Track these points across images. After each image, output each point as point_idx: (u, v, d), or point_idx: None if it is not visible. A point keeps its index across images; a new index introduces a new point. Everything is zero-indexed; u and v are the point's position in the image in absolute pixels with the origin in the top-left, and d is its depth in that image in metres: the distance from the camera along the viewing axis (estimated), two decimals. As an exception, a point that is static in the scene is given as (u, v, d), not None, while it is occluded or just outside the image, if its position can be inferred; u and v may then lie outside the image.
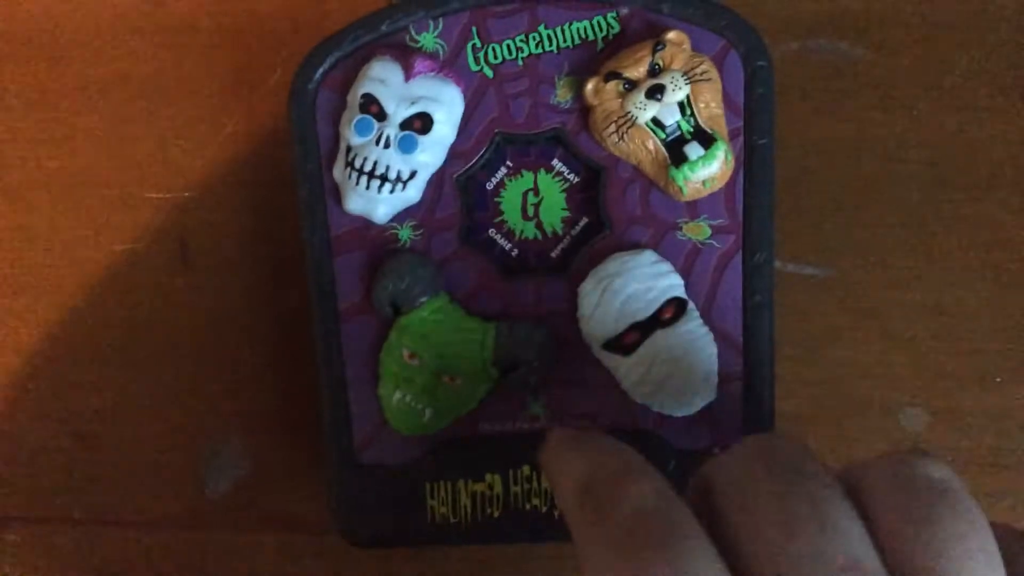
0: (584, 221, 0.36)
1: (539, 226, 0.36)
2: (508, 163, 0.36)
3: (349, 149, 0.35)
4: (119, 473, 0.40)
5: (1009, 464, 0.36)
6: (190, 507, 0.39)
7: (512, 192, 0.36)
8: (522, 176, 0.36)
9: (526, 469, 0.35)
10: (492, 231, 0.36)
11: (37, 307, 0.40)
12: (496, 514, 0.35)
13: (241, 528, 0.39)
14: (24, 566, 0.40)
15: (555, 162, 0.36)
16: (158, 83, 0.40)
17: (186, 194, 0.40)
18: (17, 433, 0.40)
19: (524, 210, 0.36)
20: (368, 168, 0.34)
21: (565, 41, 0.35)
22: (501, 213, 0.36)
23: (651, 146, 0.34)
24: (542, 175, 0.36)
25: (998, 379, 0.37)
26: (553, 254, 0.36)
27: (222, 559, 0.39)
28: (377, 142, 0.34)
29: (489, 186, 0.36)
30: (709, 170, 0.33)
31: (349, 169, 0.34)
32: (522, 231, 0.36)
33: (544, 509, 0.35)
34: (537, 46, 0.35)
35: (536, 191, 0.36)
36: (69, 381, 0.40)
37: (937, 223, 0.37)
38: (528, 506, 0.35)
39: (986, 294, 0.37)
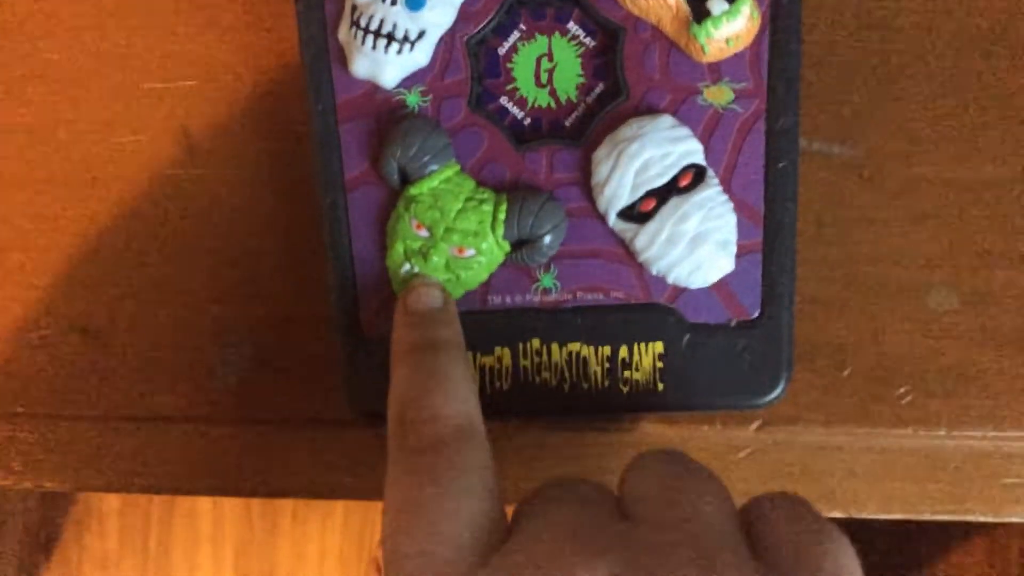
0: (600, 87, 0.34)
1: (553, 93, 0.34)
2: (521, 26, 0.34)
3: (355, 8, 0.33)
4: (128, 370, 0.39)
5: (1039, 346, 0.35)
6: (202, 402, 0.39)
7: (525, 57, 0.34)
8: (536, 40, 0.34)
9: (535, 343, 0.34)
10: (504, 98, 0.34)
11: (40, 202, 0.39)
12: (505, 387, 0.34)
13: (255, 422, 0.39)
14: (33, 462, 0.40)
15: (571, 25, 0.34)
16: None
17: (188, 83, 0.38)
18: (25, 329, 0.40)
19: (537, 76, 0.34)
20: (374, 27, 0.33)
21: None
22: (513, 79, 0.34)
23: (672, 1, 0.32)
24: (557, 39, 0.34)
25: (1029, 259, 0.35)
26: (567, 122, 0.34)
27: (235, 454, 0.39)
28: None
29: (501, 51, 0.34)
30: (733, 27, 0.32)
31: (355, 29, 0.33)
32: (535, 98, 0.34)
33: (554, 383, 0.34)
34: (552, -100, 0.33)
35: (550, 56, 0.34)
36: (76, 278, 0.39)
37: (973, 100, 0.35)
38: (538, 379, 0.34)
39: (1020, 170, 0.35)
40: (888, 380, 0.35)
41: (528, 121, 0.34)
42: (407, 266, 0.33)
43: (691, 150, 0.32)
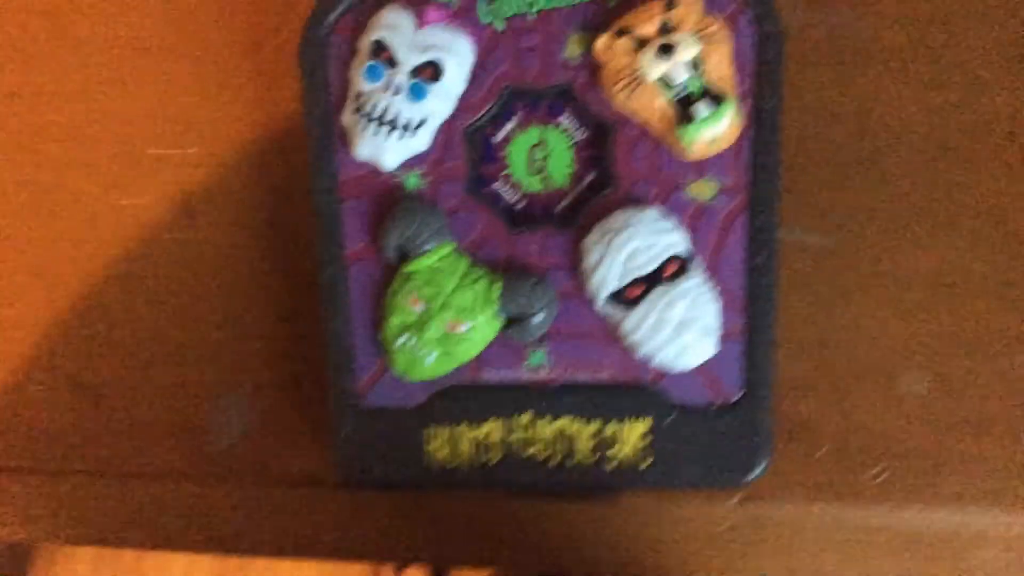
0: (590, 177, 0.36)
1: (545, 180, 0.36)
2: (517, 116, 0.36)
3: (359, 95, 0.35)
4: (122, 426, 0.40)
5: (1006, 430, 0.37)
6: (193, 461, 0.39)
7: (519, 146, 0.36)
8: (530, 130, 0.36)
9: (525, 417, 0.35)
10: (498, 183, 0.36)
11: (41, 259, 0.40)
12: (494, 460, 0.35)
13: (244, 482, 0.39)
14: (25, 516, 0.40)
15: (564, 117, 0.36)
16: (166, 41, 0.40)
17: (191, 150, 0.40)
18: (20, 385, 0.40)
19: (531, 164, 0.36)
20: (377, 114, 0.34)
21: (578, -4, 0.35)
22: (508, 166, 0.36)
23: (659, 104, 0.34)
24: (550, 130, 0.36)
25: (1001, 346, 0.37)
26: (558, 208, 0.36)
27: (224, 512, 0.39)
28: (387, 89, 0.34)
29: (497, 139, 0.36)
30: (716, 129, 0.34)
31: (358, 115, 0.35)
32: (528, 184, 0.36)
33: (542, 457, 0.35)
34: (550, 1, 0.35)
35: (543, 145, 0.36)
36: (74, 334, 0.40)
37: (942, 192, 0.37)
38: (527, 454, 0.35)
39: (991, 262, 0.37)
40: (863, 459, 0.37)
41: (521, 205, 0.36)
42: (402, 339, 0.35)
43: (676, 241, 0.34)
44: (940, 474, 0.37)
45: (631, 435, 0.35)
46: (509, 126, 0.36)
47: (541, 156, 0.36)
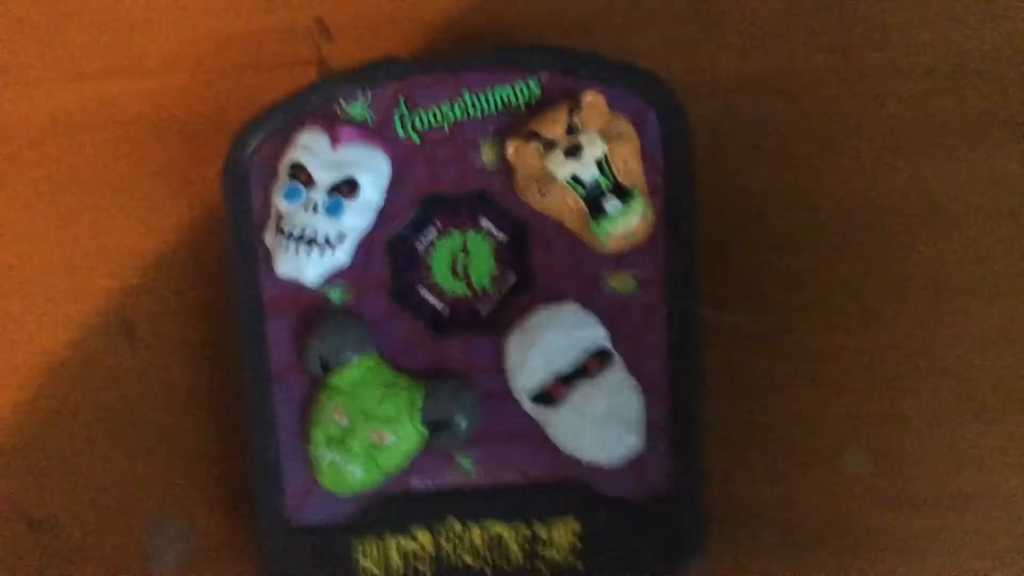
0: (512, 278, 0.36)
1: (469, 284, 0.37)
2: (437, 223, 0.37)
3: (279, 216, 0.36)
4: (64, 552, 0.40)
5: (948, 504, 0.36)
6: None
7: (442, 251, 0.37)
8: (451, 236, 0.37)
9: (456, 526, 0.34)
10: (423, 290, 0.37)
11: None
12: (428, 572, 0.34)
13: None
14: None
15: (483, 221, 0.37)
16: (106, 176, 0.41)
17: (133, 281, 0.41)
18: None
19: (454, 269, 0.37)
20: (297, 233, 0.35)
21: (489, 107, 0.36)
22: (431, 272, 0.37)
23: (572, 202, 0.35)
24: (471, 235, 0.37)
25: (935, 418, 0.36)
26: (483, 311, 0.36)
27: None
28: (306, 208, 0.35)
29: (419, 246, 0.37)
30: (628, 224, 0.34)
31: (279, 235, 0.35)
32: (452, 289, 0.37)
33: (476, 566, 0.34)
34: (462, 112, 0.36)
35: (465, 250, 0.37)
36: (22, 469, 0.40)
37: (869, 267, 0.38)
38: (459, 563, 0.34)
39: (921, 336, 0.37)
40: (805, 544, 0.36)
41: (447, 311, 0.37)
42: (328, 453, 0.35)
43: (596, 336, 0.34)
44: (887, 554, 0.36)
45: (563, 535, 0.34)
46: (430, 233, 0.37)
47: (463, 261, 0.37)
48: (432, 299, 0.37)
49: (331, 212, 0.35)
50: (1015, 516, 0.36)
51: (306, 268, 0.35)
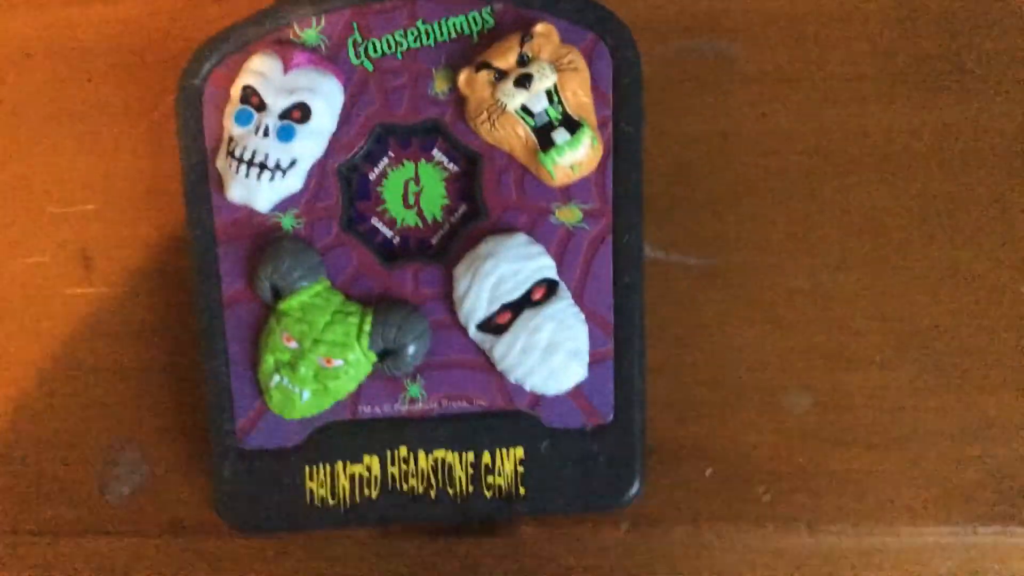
0: (463, 208, 0.37)
1: (420, 214, 0.37)
2: (390, 153, 0.37)
3: (231, 139, 0.36)
4: (20, 483, 0.40)
5: (887, 443, 0.37)
6: (92, 515, 0.39)
7: (394, 181, 0.37)
8: (403, 166, 0.37)
9: (403, 450, 0.35)
10: (374, 219, 0.37)
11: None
12: (374, 495, 0.35)
13: (144, 533, 0.39)
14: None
15: (435, 152, 0.37)
16: (61, 103, 0.41)
17: (88, 207, 0.41)
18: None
19: (405, 199, 0.37)
20: (248, 157, 0.35)
21: (442, 35, 0.36)
22: (383, 202, 0.37)
23: (521, 132, 0.35)
24: (423, 165, 0.37)
25: (877, 359, 0.37)
26: (433, 241, 0.37)
27: (127, 564, 0.39)
28: (256, 131, 0.35)
29: (372, 176, 0.37)
30: (576, 155, 0.34)
31: (230, 159, 0.35)
32: (403, 219, 0.37)
33: (421, 490, 0.35)
34: (415, 40, 0.36)
35: (417, 180, 0.37)
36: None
37: (815, 211, 0.38)
38: (405, 487, 0.35)
39: (864, 278, 0.38)
40: (748, 480, 0.37)
41: (397, 240, 0.37)
42: (277, 377, 0.35)
43: (543, 266, 0.35)
44: (826, 492, 0.37)
45: (507, 462, 0.35)
46: (383, 163, 0.37)
47: (415, 191, 0.37)
48: (383, 228, 0.37)
49: (282, 136, 0.35)
50: (953, 456, 0.36)
51: (257, 193, 0.35)
